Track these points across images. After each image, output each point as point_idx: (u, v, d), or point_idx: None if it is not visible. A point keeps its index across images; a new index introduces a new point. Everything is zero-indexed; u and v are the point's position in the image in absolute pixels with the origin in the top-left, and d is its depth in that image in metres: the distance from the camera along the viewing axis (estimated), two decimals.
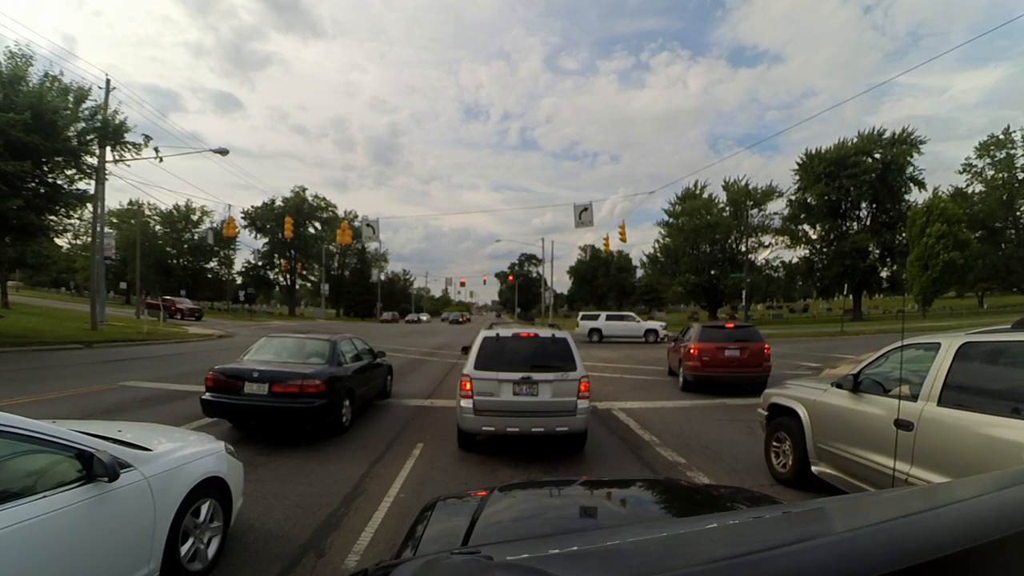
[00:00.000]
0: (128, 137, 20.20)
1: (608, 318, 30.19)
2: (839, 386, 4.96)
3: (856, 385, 4.75)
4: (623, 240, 30.61)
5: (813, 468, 5.14)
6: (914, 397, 3.99)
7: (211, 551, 3.61)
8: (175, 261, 63.17)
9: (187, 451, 3.56)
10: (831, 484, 4.87)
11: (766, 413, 6.15)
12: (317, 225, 73.39)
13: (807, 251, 52.61)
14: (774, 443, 5.91)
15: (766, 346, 11.86)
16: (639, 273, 77.95)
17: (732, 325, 12.53)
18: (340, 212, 76.11)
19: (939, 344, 4.05)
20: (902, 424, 3.91)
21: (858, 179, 46.20)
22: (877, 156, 46.95)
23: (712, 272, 51.22)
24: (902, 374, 4.24)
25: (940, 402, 3.79)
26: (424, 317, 71.60)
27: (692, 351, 11.84)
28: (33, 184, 17.05)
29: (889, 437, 4.06)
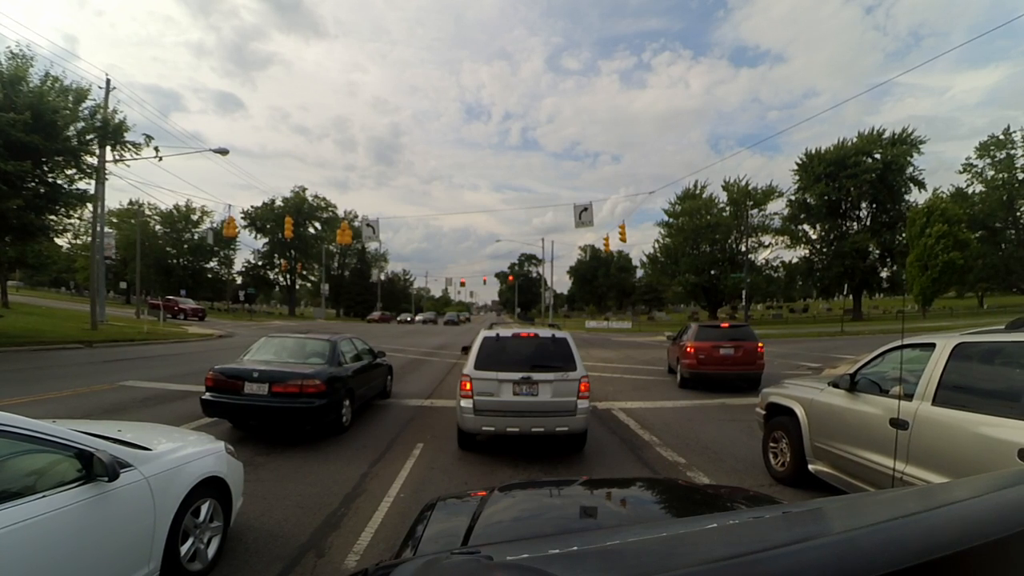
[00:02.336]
0: (128, 137, 20.17)
1: None
2: (836, 386, 4.98)
3: (852, 385, 4.77)
4: (623, 240, 30.56)
5: (810, 467, 5.15)
6: (909, 396, 4.01)
7: (211, 551, 3.61)
8: (175, 261, 63.11)
9: (187, 451, 3.55)
10: (828, 483, 4.89)
11: (764, 412, 6.16)
12: (317, 225, 73.21)
13: (807, 251, 52.67)
14: (772, 442, 5.92)
15: (759, 344, 12.22)
16: (639, 273, 78.12)
17: (727, 325, 12.92)
18: (340, 212, 75.98)
19: (934, 344, 4.07)
20: (898, 423, 3.92)
21: (858, 179, 46.21)
22: (877, 156, 46.94)
23: (712, 272, 51.28)
24: (901, 374, 4.25)
25: (935, 401, 3.81)
26: (420, 317, 70.91)
27: (689, 349, 12.22)
28: (33, 184, 17.03)
29: (885, 436, 4.09)
